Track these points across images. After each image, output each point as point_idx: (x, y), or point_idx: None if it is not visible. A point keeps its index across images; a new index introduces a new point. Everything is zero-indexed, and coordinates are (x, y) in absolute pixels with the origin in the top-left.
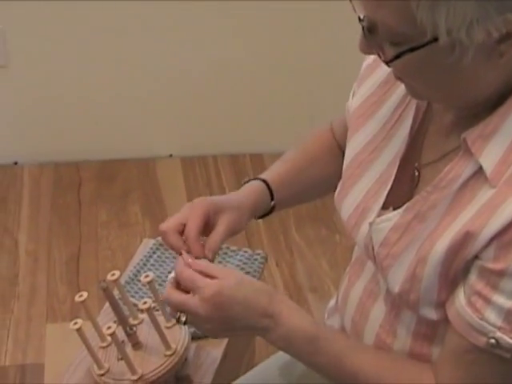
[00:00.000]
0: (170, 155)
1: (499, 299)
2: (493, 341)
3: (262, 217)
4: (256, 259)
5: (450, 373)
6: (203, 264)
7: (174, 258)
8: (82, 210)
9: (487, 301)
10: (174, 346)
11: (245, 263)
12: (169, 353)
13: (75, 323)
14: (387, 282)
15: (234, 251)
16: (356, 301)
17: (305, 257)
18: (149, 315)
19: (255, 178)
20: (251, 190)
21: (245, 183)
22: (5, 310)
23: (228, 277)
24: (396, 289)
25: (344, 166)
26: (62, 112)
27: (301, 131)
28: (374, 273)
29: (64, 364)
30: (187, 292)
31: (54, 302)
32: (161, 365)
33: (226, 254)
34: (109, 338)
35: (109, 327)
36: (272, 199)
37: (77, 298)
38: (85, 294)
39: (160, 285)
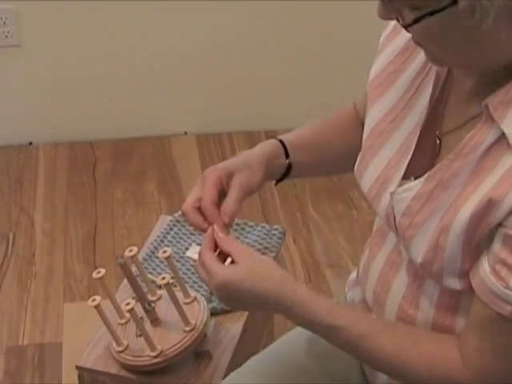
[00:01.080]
0: (185, 133)
1: None
2: None
3: (279, 180)
4: (274, 234)
5: (475, 345)
6: (223, 240)
7: (191, 234)
8: (97, 188)
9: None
10: (193, 321)
11: (263, 238)
12: (188, 329)
13: (93, 300)
14: (410, 253)
15: (251, 227)
16: (377, 272)
17: (322, 233)
18: (167, 291)
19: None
20: (263, 146)
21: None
22: (22, 290)
23: (240, 263)
24: (419, 259)
25: (364, 137)
26: (76, 91)
27: (316, 107)
28: (395, 243)
29: (82, 343)
30: None
31: (71, 281)
32: (180, 341)
33: (243, 229)
34: (127, 315)
35: (127, 303)
36: (287, 157)
37: (94, 275)
38: (102, 271)
39: (178, 261)
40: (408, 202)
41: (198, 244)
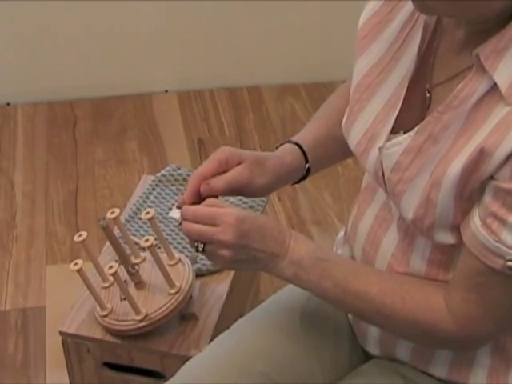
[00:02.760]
0: (166, 90)
1: None
2: (510, 263)
3: (297, 182)
4: None
5: (461, 295)
6: (214, 201)
7: (174, 194)
8: (78, 148)
9: (503, 222)
10: (177, 283)
11: (247, 197)
12: (173, 291)
13: (75, 264)
14: (400, 209)
15: None
16: (366, 230)
17: (307, 190)
18: (151, 253)
19: (287, 141)
20: (283, 152)
21: (277, 148)
22: (3, 253)
23: (243, 211)
24: (410, 215)
25: (351, 91)
26: (54, 49)
27: (299, 63)
28: (385, 200)
29: (66, 306)
30: None
31: (53, 243)
32: (165, 304)
33: None
34: (111, 278)
35: (110, 267)
36: (307, 161)
37: (76, 238)
38: (84, 234)
39: (161, 222)
40: (397, 157)
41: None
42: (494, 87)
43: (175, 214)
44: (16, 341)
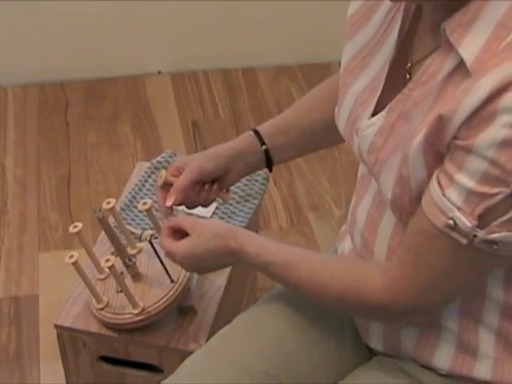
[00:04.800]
0: (159, 72)
1: (462, 178)
2: (451, 222)
3: (270, 166)
4: (257, 180)
5: (399, 255)
6: (170, 220)
7: None
8: (70, 132)
9: (451, 179)
10: (175, 276)
11: (245, 185)
12: (171, 283)
13: (71, 256)
14: (380, 190)
15: None
16: (364, 215)
17: (304, 175)
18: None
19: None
20: (236, 140)
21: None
22: None
23: (191, 233)
24: (389, 195)
25: (340, 76)
26: (45, 29)
27: (294, 44)
28: None
29: (59, 294)
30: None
31: (46, 230)
32: (163, 297)
33: None
34: (107, 270)
35: (107, 260)
36: (263, 144)
37: (71, 230)
38: (79, 225)
39: (157, 211)
40: (371, 138)
41: None
42: (462, 63)
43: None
44: (9, 331)
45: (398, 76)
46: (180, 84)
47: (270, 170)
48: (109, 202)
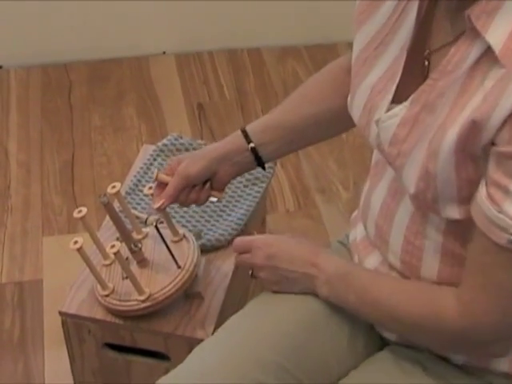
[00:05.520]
0: (164, 52)
1: None
2: None
3: (260, 164)
4: None
5: (469, 281)
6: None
7: None
8: (73, 114)
9: (506, 191)
10: (182, 262)
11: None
12: (177, 270)
13: (75, 242)
14: (402, 183)
15: None
16: (379, 203)
17: (311, 157)
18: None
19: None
20: (224, 140)
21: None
22: None
23: (276, 235)
24: (411, 189)
25: (352, 66)
26: (48, 10)
27: (300, 24)
28: None
29: (64, 279)
30: None
31: (50, 214)
32: (169, 283)
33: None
34: (112, 256)
35: (112, 246)
36: (250, 142)
37: (75, 215)
38: (84, 210)
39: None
40: (394, 130)
41: None
42: (488, 50)
43: None
44: (13, 316)
45: (416, 64)
46: (185, 65)
47: (263, 169)
48: (114, 187)
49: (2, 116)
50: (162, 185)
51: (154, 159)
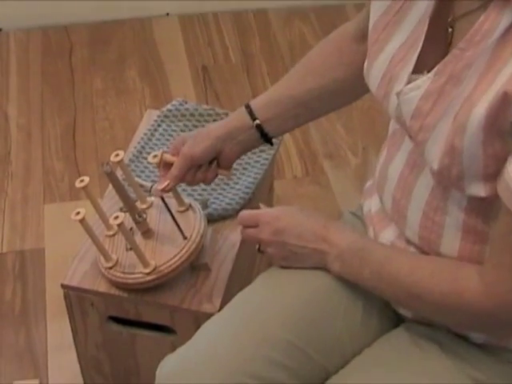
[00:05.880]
0: (167, 14)
1: None
2: None
3: (267, 140)
4: None
5: (494, 260)
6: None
7: (181, 130)
8: (75, 77)
9: None
10: (188, 232)
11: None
12: (183, 241)
13: (77, 213)
14: (425, 159)
15: None
16: (397, 175)
17: (318, 121)
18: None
19: None
20: (227, 119)
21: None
22: None
23: (285, 207)
24: (435, 165)
25: (369, 32)
26: None
27: None
28: None
29: (66, 248)
30: None
31: (51, 180)
32: (175, 255)
33: None
34: (115, 226)
35: (116, 217)
36: (255, 119)
37: (77, 184)
38: (86, 179)
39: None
40: (416, 102)
41: None
42: None
43: None
44: (14, 286)
45: (438, 31)
46: (189, 27)
47: (271, 144)
48: (117, 155)
49: (1, 79)
50: (167, 165)
51: (159, 125)
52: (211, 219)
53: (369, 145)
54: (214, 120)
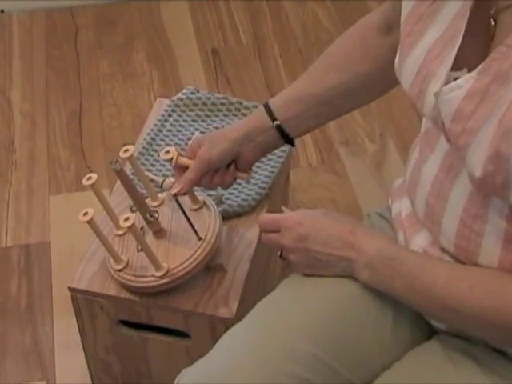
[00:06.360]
0: None
1: None
2: None
3: (288, 141)
4: None
5: None
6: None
7: (193, 120)
8: (80, 61)
9: None
10: (203, 232)
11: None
12: (198, 242)
13: (85, 214)
14: (466, 165)
15: (247, 108)
16: (431, 179)
17: None
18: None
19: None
20: (245, 119)
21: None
22: (2, 182)
23: (308, 211)
24: (477, 173)
25: (401, 23)
26: None
27: None
28: None
29: (73, 241)
30: None
31: (57, 170)
32: (189, 257)
33: (238, 110)
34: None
35: (126, 219)
36: (274, 120)
37: (85, 182)
38: (94, 176)
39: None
40: (458, 103)
41: (202, 133)
42: None
43: None
44: (19, 281)
45: (479, 23)
46: (198, 8)
47: (293, 145)
48: (126, 150)
49: (4, 64)
50: (182, 167)
51: (169, 115)
52: (226, 216)
53: (386, 131)
54: (228, 109)
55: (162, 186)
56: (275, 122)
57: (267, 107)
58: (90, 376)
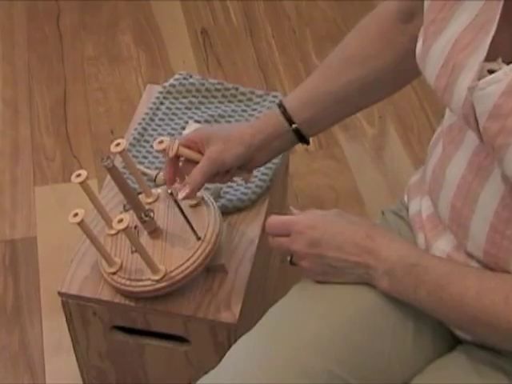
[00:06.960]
0: None
1: None
2: None
3: (303, 141)
4: (273, 102)
5: None
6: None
7: (186, 108)
8: (63, 44)
9: None
10: (202, 231)
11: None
12: (197, 242)
13: (75, 215)
14: (503, 167)
15: (243, 94)
16: (457, 180)
17: None
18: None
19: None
20: (261, 119)
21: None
22: None
23: (320, 213)
24: None
25: (424, 11)
26: None
27: None
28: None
29: (60, 235)
30: None
31: (42, 159)
32: (188, 259)
33: (234, 96)
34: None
35: (120, 220)
36: (291, 123)
37: (74, 179)
38: (83, 173)
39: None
40: (495, 100)
41: (197, 121)
42: None
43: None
44: (5, 280)
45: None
46: None
47: (308, 144)
48: (118, 144)
49: None
50: (175, 160)
51: (161, 103)
52: (225, 211)
53: (386, 113)
54: (223, 96)
55: (155, 180)
56: (293, 126)
57: (282, 107)
58: (82, 382)
